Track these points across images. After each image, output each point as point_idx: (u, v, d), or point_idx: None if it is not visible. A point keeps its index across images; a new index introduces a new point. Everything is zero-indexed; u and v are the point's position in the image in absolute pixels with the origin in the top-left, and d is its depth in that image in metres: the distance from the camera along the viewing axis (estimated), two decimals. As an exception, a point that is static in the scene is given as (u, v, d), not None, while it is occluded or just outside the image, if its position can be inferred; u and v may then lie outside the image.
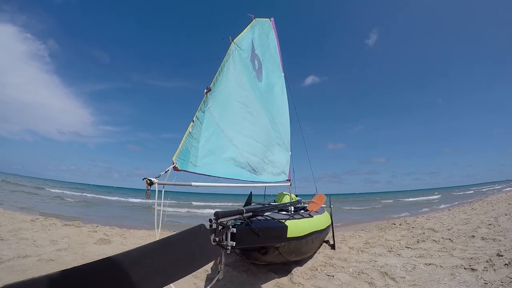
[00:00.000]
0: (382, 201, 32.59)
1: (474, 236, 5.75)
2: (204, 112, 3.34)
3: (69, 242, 6.13)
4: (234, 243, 2.30)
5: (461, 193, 38.31)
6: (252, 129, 4.51)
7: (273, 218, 3.37)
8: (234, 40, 4.39)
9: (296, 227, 3.70)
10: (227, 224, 2.30)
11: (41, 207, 15.07)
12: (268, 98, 5.52)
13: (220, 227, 2.16)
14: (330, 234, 6.31)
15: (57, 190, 32.37)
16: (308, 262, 4.80)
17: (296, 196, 7.72)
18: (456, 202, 20.27)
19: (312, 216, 4.51)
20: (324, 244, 6.23)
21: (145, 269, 1.41)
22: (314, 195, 6.70)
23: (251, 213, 2.88)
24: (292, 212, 5.00)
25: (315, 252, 5.36)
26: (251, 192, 6.85)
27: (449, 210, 13.53)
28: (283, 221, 3.45)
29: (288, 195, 6.26)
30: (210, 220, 2.20)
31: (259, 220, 3.07)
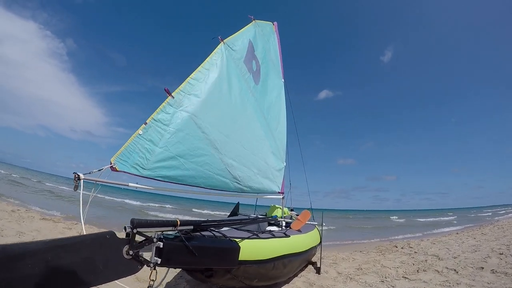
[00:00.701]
0: (393, 219, 31.40)
1: (483, 268, 5.11)
2: (173, 114, 3.13)
3: (37, 236, 5.92)
4: (160, 260, 1.93)
5: (475, 215, 36.57)
6: (241, 134, 4.18)
7: (225, 236, 2.82)
8: (224, 40, 4.17)
9: (255, 248, 3.10)
10: (154, 236, 1.96)
11: (30, 199, 14.72)
12: (264, 103, 5.21)
13: (139, 239, 1.85)
14: (319, 254, 5.69)
15: (51, 185, 32.03)
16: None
17: (292, 210, 7.18)
18: (472, 224, 19.08)
19: (287, 236, 3.93)
20: (310, 266, 5.63)
21: (22, 270, 1.22)
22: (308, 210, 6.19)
23: (191, 227, 2.39)
24: (274, 229, 4.51)
25: (294, 276, 4.75)
26: (238, 203, 6.36)
27: (457, 234, 12.64)
28: (238, 240, 2.87)
29: (280, 208, 5.74)
30: (125, 228, 1.83)
31: (203, 236, 2.55)
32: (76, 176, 2.31)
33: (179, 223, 2.13)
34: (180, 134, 3.16)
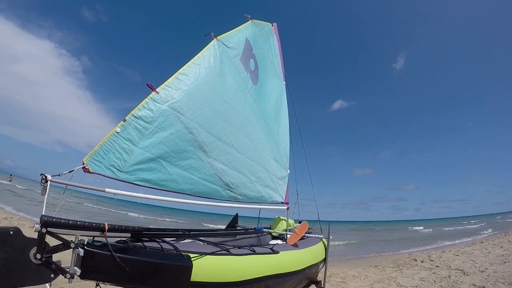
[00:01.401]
0: (413, 229, 30.10)
1: (517, 285, 4.45)
2: (156, 111, 2.81)
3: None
4: (80, 271, 1.61)
5: (503, 220, 34.43)
6: (235, 137, 3.82)
7: (176, 249, 2.23)
8: (218, 37, 3.89)
9: (219, 268, 2.42)
10: (74, 241, 1.63)
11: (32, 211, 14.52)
12: (263, 105, 4.87)
13: (51, 243, 1.58)
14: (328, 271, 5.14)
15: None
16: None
17: (300, 222, 6.70)
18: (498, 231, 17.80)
19: (275, 252, 3.26)
20: (313, 286, 4.92)
21: None
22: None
23: (128, 234, 1.99)
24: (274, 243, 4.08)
25: None
26: (236, 214, 5.80)
27: (481, 243, 11.70)
28: (194, 256, 2.26)
29: (284, 220, 5.29)
30: (35, 227, 1.53)
31: (144, 247, 2.07)
32: (43, 177, 2.01)
33: (107, 227, 1.78)
34: (163, 133, 2.86)
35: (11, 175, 48.84)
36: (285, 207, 5.04)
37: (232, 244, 2.96)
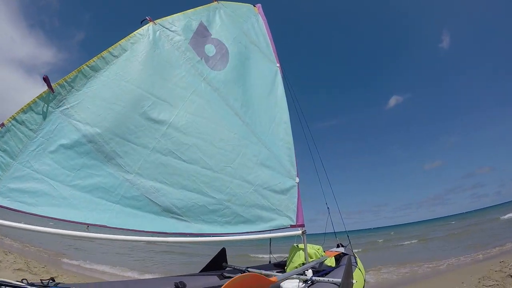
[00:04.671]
0: (497, 218, 25.84)
1: None
2: (46, 116, 2.28)
3: None
4: None
5: None
6: (176, 140, 2.91)
7: None
8: (156, 21, 3.19)
9: None
10: None
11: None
12: (240, 95, 3.81)
13: None
14: None
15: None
16: None
17: (340, 246, 5.01)
18: None
19: None
20: None
21: None
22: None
23: None
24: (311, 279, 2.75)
25: None
26: (223, 250, 3.93)
27: None
28: None
29: (302, 249, 3.73)
30: None
31: None
32: None
33: None
34: (52, 146, 2.27)
35: None
36: (299, 232, 3.65)
37: None
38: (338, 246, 5.05)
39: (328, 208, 4.97)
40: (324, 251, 4.19)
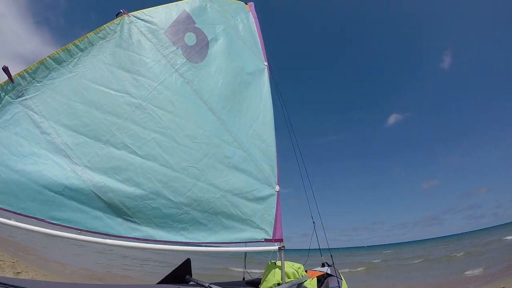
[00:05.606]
0: (491, 240, 25.02)
1: None
2: (3, 106, 2.31)
3: None
4: None
5: None
6: (133, 134, 2.72)
7: None
8: (131, 13, 3.10)
9: None
10: None
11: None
12: (216, 90, 3.56)
13: None
14: None
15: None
16: None
17: (326, 265, 4.58)
18: None
19: None
20: None
21: None
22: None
23: None
24: None
25: None
26: (187, 260, 3.40)
27: None
28: None
29: (278, 267, 3.30)
30: None
31: None
32: None
33: None
34: (5, 133, 2.31)
35: None
36: (275, 247, 3.22)
37: None
38: (323, 265, 4.65)
39: (313, 222, 4.58)
40: (306, 271, 3.78)
